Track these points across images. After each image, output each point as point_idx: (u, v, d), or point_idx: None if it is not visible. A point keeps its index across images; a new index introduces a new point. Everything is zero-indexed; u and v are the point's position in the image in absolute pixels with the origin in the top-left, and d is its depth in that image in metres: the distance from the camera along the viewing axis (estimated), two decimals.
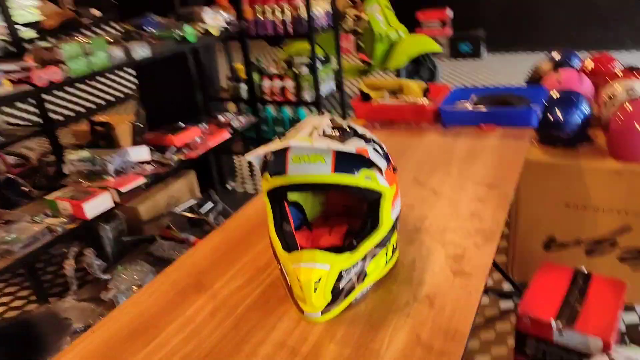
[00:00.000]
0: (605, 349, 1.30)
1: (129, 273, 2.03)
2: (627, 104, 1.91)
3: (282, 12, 2.54)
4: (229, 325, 0.88)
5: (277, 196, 0.95)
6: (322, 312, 0.85)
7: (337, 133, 0.89)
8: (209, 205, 2.70)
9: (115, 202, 2.05)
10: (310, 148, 0.85)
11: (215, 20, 2.46)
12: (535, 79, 2.83)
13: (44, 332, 0.89)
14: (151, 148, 2.32)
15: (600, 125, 2.15)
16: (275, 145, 0.86)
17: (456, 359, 0.75)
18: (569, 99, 2.02)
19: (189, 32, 2.29)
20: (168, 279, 1.04)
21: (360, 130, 0.94)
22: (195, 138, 2.39)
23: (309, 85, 2.65)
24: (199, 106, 2.70)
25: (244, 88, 2.74)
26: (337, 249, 0.93)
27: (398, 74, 4.67)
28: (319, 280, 0.84)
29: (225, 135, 2.40)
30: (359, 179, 0.87)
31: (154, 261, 2.20)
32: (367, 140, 0.91)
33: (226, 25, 2.43)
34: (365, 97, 1.90)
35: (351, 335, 0.82)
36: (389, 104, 1.79)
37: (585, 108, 2.01)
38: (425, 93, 1.80)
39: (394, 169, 0.96)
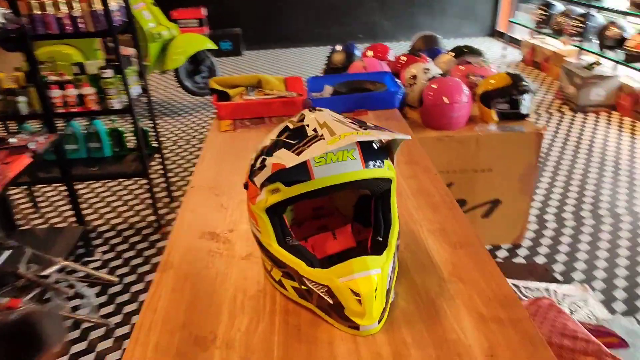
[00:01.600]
0: None
1: None
2: (433, 82, 2.27)
3: (70, 5, 2.07)
4: None
5: (276, 210, 0.81)
6: (379, 321, 0.78)
7: (352, 123, 0.80)
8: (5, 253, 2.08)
9: None
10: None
11: None
12: (332, 69, 3.08)
13: (42, 330, 0.75)
14: None
15: (406, 102, 2.50)
16: (315, 150, 0.71)
17: (528, 319, 0.78)
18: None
19: None
20: (146, 348, 0.78)
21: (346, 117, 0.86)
22: None
23: (116, 91, 2.26)
24: None
25: (22, 101, 2.16)
26: (357, 251, 0.86)
27: (177, 74, 4.42)
28: (376, 288, 0.76)
29: (26, 160, 1.86)
30: (386, 170, 0.81)
31: None
32: (368, 125, 0.85)
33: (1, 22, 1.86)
34: (223, 96, 1.75)
35: (420, 334, 0.77)
36: (258, 100, 1.69)
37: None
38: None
39: None
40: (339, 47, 3.24)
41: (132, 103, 2.33)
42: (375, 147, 0.81)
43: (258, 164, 0.81)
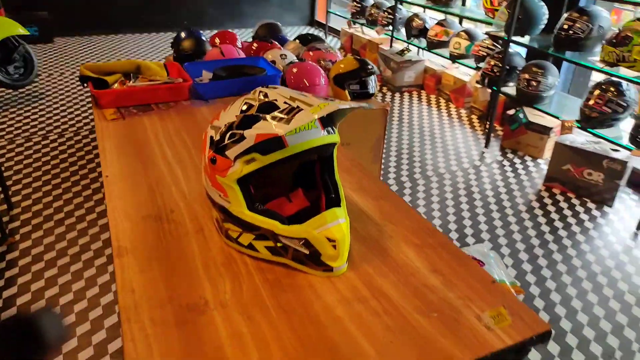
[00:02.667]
0: None
1: None
2: (293, 67, 2.45)
3: None
4: (276, 318, 0.83)
5: (245, 180, 0.91)
6: (346, 262, 0.93)
7: (313, 96, 0.92)
8: None
9: None
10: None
11: None
12: (184, 55, 3.03)
13: (44, 329, 0.69)
14: None
15: None
16: (304, 117, 0.83)
17: (449, 242, 1.03)
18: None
19: None
20: (142, 324, 0.80)
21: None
22: None
23: None
24: None
25: None
26: (311, 210, 1.00)
27: None
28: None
29: None
30: (337, 135, 0.96)
31: None
32: (324, 97, 0.97)
33: None
34: (100, 84, 1.66)
35: (378, 266, 0.95)
36: (143, 86, 1.65)
37: None
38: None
39: None
40: (184, 34, 3.20)
41: None
42: (326, 116, 0.95)
43: (228, 139, 0.89)
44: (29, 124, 3.63)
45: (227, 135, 0.89)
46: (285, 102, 0.88)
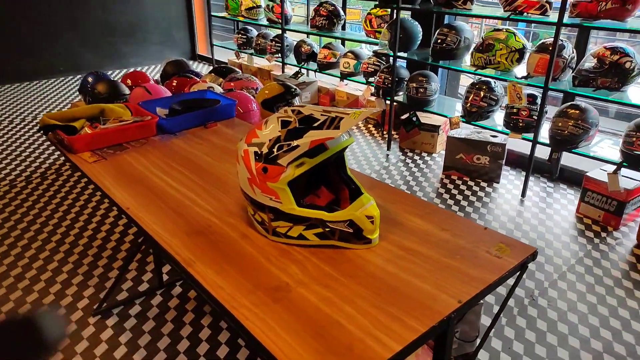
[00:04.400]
0: None
1: None
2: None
3: None
4: (347, 282, 1.04)
5: (293, 182, 1.11)
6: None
7: (335, 108, 1.16)
8: None
9: None
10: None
11: None
12: (98, 99, 3.01)
13: (44, 330, 0.75)
14: None
15: None
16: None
17: (442, 210, 1.32)
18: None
19: None
20: (244, 308, 0.96)
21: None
22: None
23: None
24: None
25: None
26: (335, 201, 1.24)
27: None
28: None
29: None
30: (352, 138, 1.21)
31: None
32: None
33: None
34: (70, 130, 1.70)
35: (397, 232, 1.21)
36: (114, 127, 1.72)
37: None
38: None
39: None
40: (91, 79, 3.18)
41: None
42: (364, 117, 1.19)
43: (277, 150, 1.09)
44: None
45: (276, 147, 1.09)
46: (322, 115, 1.11)
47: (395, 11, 3.51)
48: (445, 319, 0.93)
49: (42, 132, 1.70)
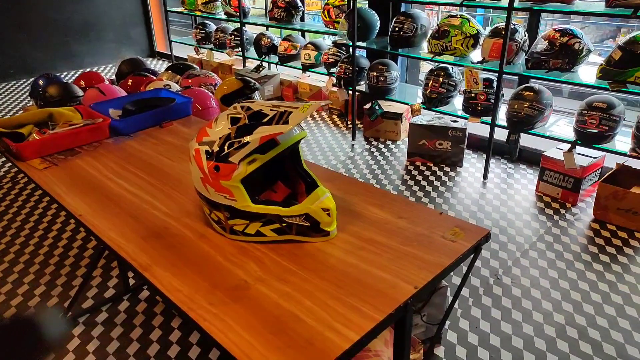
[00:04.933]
0: None
1: None
2: (183, 94, 2.57)
3: None
4: (307, 276, 1.04)
5: (246, 179, 1.11)
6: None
7: (285, 102, 1.15)
8: None
9: None
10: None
11: None
12: (50, 102, 2.91)
13: (44, 330, 0.75)
14: None
15: None
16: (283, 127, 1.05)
17: (399, 197, 1.34)
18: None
19: None
20: (206, 309, 0.95)
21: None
22: None
23: None
24: None
25: None
26: (293, 195, 1.23)
27: None
28: None
29: None
30: (305, 131, 1.20)
31: None
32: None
33: None
34: (17, 137, 1.64)
35: (356, 223, 1.22)
36: (64, 132, 1.66)
37: None
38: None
39: None
40: (42, 81, 3.07)
41: None
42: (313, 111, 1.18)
43: (227, 148, 1.08)
44: None
45: (226, 145, 1.08)
46: (271, 110, 1.10)
47: (351, 1, 3.51)
48: (402, 305, 0.95)
49: None
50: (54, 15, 5.85)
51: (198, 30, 5.47)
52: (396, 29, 3.42)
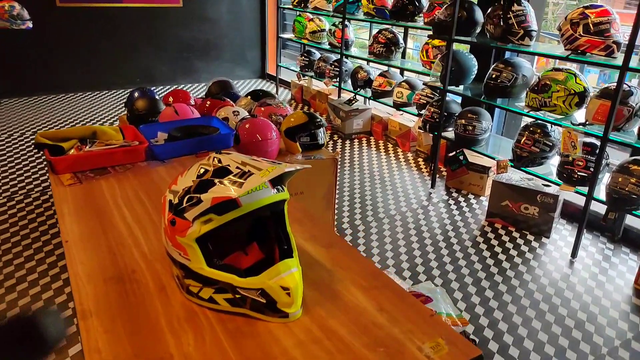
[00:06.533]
0: None
1: None
2: (245, 123, 2.58)
3: None
4: None
5: (204, 239, 0.99)
6: (300, 307, 1.02)
7: (264, 160, 1.03)
8: None
9: None
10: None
11: None
12: (137, 115, 3.10)
13: (44, 329, 0.70)
14: None
15: None
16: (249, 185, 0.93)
17: (392, 282, 1.13)
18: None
19: None
20: None
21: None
22: None
23: None
24: None
25: None
26: (266, 261, 1.09)
27: None
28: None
29: None
30: (285, 193, 1.07)
31: None
32: (273, 161, 1.08)
33: None
34: (56, 150, 1.72)
35: (330, 309, 1.05)
36: (100, 150, 1.71)
37: None
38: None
39: None
40: (137, 94, 3.29)
41: None
42: (276, 176, 1.06)
43: (186, 202, 0.98)
44: None
45: (185, 198, 0.98)
46: (237, 167, 0.98)
47: (447, 43, 3.29)
48: None
49: (37, 149, 1.74)
50: (181, 32, 6.38)
51: (303, 57, 5.59)
52: (493, 76, 3.12)
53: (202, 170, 1.01)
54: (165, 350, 0.93)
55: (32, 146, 4.32)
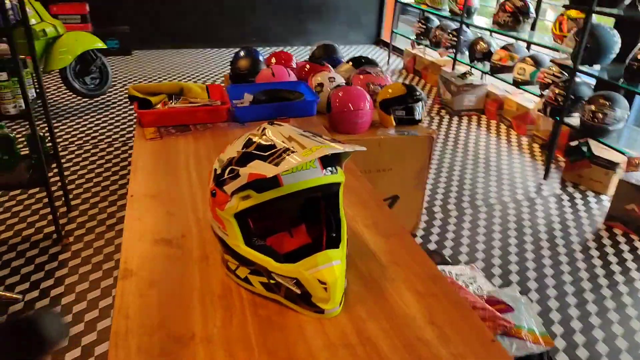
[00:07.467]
0: None
1: None
2: (339, 90, 2.46)
3: None
4: (258, 359, 0.82)
5: (244, 215, 0.91)
6: (339, 304, 0.91)
7: (313, 136, 0.92)
8: None
9: None
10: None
11: None
12: (237, 74, 3.14)
13: (44, 329, 0.75)
14: None
15: None
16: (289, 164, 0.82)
17: (453, 292, 0.97)
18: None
19: None
20: (129, 351, 0.82)
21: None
22: None
23: (12, 95, 2.10)
24: None
25: None
26: (313, 246, 0.99)
27: (63, 74, 4.11)
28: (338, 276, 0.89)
29: None
30: (338, 175, 0.95)
31: None
32: (324, 138, 0.96)
33: None
34: (144, 104, 1.76)
35: (373, 311, 0.92)
36: (182, 107, 1.73)
37: None
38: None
39: None
40: (242, 53, 3.32)
41: (30, 107, 2.19)
42: (329, 156, 0.94)
43: (227, 174, 0.90)
44: (98, 131, 3.91)
45: (227, 170, 0.91)
46: (282, 142, 0.88)
47: (587, 14, 2.83)
48: None
49: (129, 101, 1.80)
50: None
51: (420, 24, 5.25)
52: (638, 57, 2.63)
53: (248, 142, 0.93)
54: (189, 328, 0.88)
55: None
